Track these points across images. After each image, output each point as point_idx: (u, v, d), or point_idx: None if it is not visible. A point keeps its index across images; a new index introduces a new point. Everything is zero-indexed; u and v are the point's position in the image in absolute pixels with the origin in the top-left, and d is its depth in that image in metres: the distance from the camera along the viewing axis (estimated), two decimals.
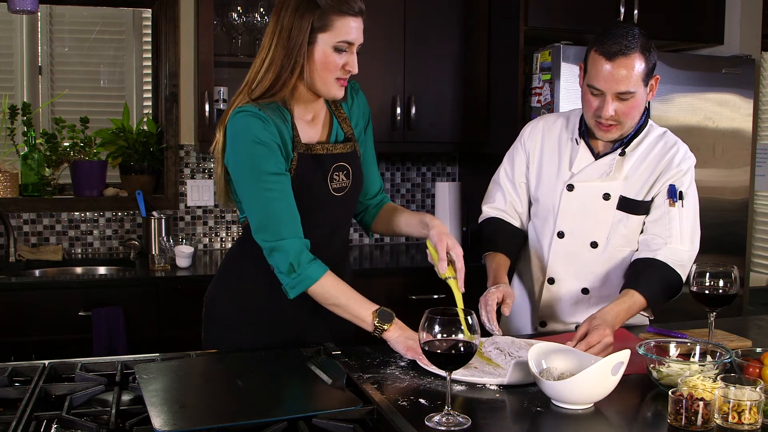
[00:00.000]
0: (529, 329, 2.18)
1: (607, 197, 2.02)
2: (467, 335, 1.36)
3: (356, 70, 1.74)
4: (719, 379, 1.38)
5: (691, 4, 3.51)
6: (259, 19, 3.34)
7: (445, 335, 1.35)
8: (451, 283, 1.70)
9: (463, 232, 3.70)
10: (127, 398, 1.47)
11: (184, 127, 3.52)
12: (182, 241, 3.36)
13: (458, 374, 1.53)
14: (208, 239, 3.58)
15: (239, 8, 3.33)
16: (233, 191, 1.80)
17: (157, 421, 1.27)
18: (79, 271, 3.27)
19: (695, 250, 1.99)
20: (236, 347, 1.82)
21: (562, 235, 2.07)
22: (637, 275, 1.93)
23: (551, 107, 3.10)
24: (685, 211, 1.98)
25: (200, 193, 3.55)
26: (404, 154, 3.83)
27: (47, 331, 2.78)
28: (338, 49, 1.70)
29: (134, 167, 3.48)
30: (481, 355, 1.70)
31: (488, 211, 2.20)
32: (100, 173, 3.47)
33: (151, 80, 3.71)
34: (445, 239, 1.71)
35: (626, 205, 2.00)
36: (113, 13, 3.75)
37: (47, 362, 1.60)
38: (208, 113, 3.19)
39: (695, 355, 1.61)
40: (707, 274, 1.85)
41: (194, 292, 2.61)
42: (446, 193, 3.65)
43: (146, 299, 2.90)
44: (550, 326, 2.14)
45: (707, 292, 1.84)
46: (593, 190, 2.02)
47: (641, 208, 2.00)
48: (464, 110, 3.52)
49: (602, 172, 2.01)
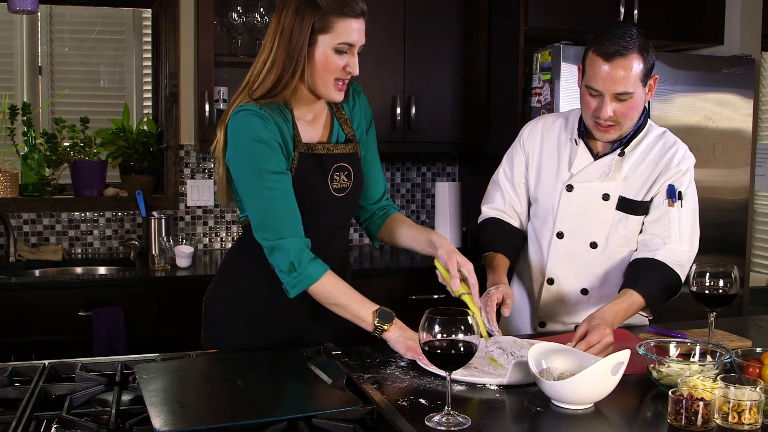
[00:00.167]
0: (528, 330, 2.18)
1: (606, 197, 2.01)
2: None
3: (357, 71, 1.73)
4: (719, 379, 1.38)
5: (691, 4, 3.50)
6: (259, 19, 3.34)
7: (445, 335, 1.35)
8: (466, 299, 1.71)
9: (463, 232, 3.69)
10: (127, 398, 1.47)
11: (184, 127, 3.52)
12: (182, 241, 3.36)
13: (458, 374, 1.53)
14: (208, 239, 3.58)
15: (239, 8, 3.33)
16: (234, 190, 1.80)
17: (157, 421, 1.27)
18: (79, 271, 3.27)
19: (694, 250, 1.99)
20: (236, 347, 1.82)
21: (561, 235, 2.07)
22: (635, 275, 1.93)
23: (551, 107, 3.10)
24: (684, 211, 1.97)
25: (200, 193, 3.55)
26: (404, 154, 3.83)
27: (47, 331, 2.78)
28: (339, 50, 1.70)
29: (134, 167, 3.48)
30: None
31: (487, 211, 2.20)
32: (100, 173, 3.47)
33: (151, 80, 3.71)
34: (454, 257, 1.72)
35: (625, 205, 2.00)
36: (113, 13, 3.75)
37: (47, 362, 1.60)
38: (208, 113, 3.19)
39: (695, 355, 1.61)
40: (707, 274, 1.85)
41: (194, 292, 2.61)
42: (446, 193, 3.65)
43: (146, 299, 2.90)
44: (549, 326, 2.14)
45: (707, 292, 1.84)
46: (592, 190, 2.02)
47: (640, 208, 2.00)
48: (464, 110, 3.52)
49: (601, 172, 2.00)
